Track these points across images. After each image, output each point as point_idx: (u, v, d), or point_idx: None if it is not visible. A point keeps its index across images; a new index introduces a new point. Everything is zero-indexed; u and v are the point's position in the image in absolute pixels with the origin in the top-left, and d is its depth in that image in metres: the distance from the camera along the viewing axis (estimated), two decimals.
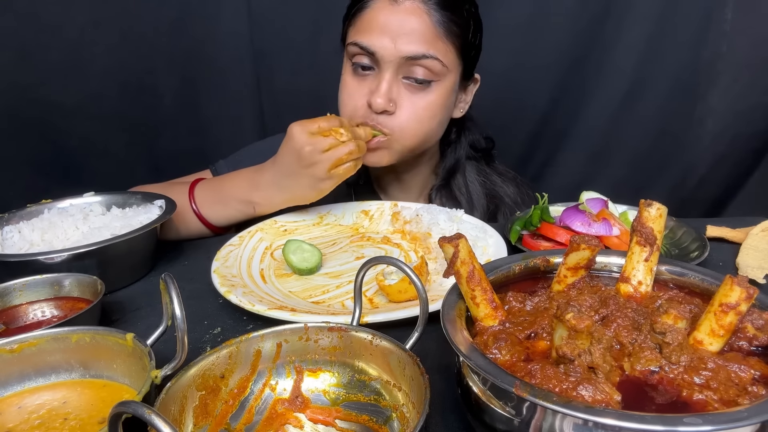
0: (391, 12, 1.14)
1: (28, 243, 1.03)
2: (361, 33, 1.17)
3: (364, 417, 0.62)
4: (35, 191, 1.35)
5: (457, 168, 1.40)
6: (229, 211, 1.21)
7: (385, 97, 1.16)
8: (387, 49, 1.14)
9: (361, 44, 1.16)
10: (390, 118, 1.19)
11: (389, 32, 1.13)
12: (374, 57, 1.16)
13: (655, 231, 0.63)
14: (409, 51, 1.13)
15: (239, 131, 2.00)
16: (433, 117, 1.22)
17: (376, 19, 1.15)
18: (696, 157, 2.00)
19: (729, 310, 0.52)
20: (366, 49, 1.15)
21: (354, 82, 1.22)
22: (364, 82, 1.20)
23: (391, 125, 1.19)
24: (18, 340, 0.66)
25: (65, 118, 1.85)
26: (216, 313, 0.92)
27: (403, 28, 1.13)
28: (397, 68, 1.16)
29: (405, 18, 1.13)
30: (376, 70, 1.18)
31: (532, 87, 1.98)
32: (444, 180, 1.40)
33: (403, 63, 1.15)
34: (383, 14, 1.14)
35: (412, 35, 1.13)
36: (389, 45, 1.13)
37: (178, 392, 0.57)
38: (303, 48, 1.90)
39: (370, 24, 1.15)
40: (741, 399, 0.47)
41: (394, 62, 1.15)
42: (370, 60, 1.17)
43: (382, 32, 1.14)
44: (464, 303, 0.61)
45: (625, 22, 1.87)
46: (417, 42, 1.13)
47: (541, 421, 0.47)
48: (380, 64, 1.16)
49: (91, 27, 1.78)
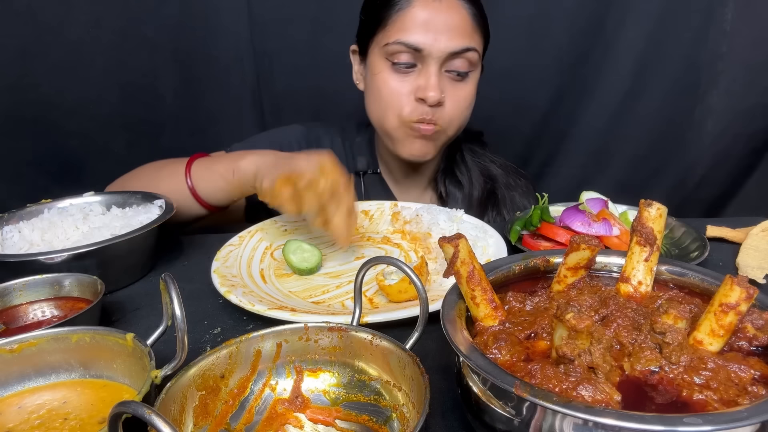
0: (433, 9, 1.19)
1: (28, 243, 1.03)
2: (403, 31, 1.20)
3: (364, 417, 0.62)
4: (35, 191, 1.35)
5: (457, 151, 1.46)
6: (212, 176, 1.19)
7: (437, 90, 1.21)
8: (433, 45, 1.19)
9: (406, 42, 1.19)
10: (440, 109, 1.25)
11: (433, 28, 1.18)
12: (419, 54, 1.20)
13: (655, 231, 0.63)
14: (455, 46, 1.19)
15: (239, 131, 2.00)
16: (470, 105, 1.31)
17: (419, 17, 1.19)
18: (696, 157, 2.00)
19: (729, 310, 0.52)
20: (412, 46, 1.19)
21: (396, 79, 1.25)
22: (407, 78, 1.24)
23: (441, 117, 1.25)
24: (18, 340, 0.66)
25: (65, 118, 1.85)
26: (216, 313, 0.92)
27: (447, 24, 1.19)
28: (441, 63, 1.21)
29: (447, 14, 1.19)
30: (418, 67, 1.23)
31: (532, 87, 1.98)
32: (448, 163, 1.46)
33: (447, 58, 1.20)
34: (426, 12, 1.19)
35: (455, 30, 1.19)
36: (435, 41, 1.18)
37: (178, 392, 0.57)
38: (303, 48, 1.90)
39: (414, 22, 1.19)
40: (741, 399, 0.47)
41: (439, 57, 1.20)
42: (413, 57, 1.21)
43: (427, 29, 1.18)
44: (464, 303, 0.61)
45: (625, 22, 1.87)
46: (460, 36, 1.20)
47: (541, 421, 0.47)
48: (425, 59, 1.21)
49: (91, 27, 1.77)
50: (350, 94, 1.87)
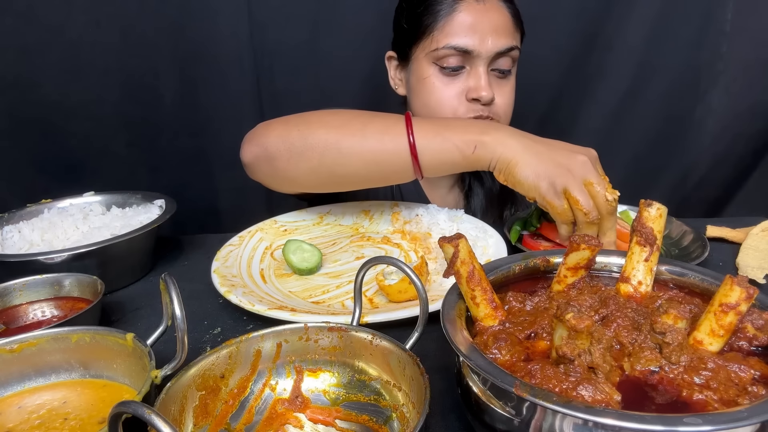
0: (478, 12, 1.21)
1: (28, 243, 1.03)
2: (452, 36, 1.22)
3: (364, 417, 0.62)
4: (35, 191, 1.35)
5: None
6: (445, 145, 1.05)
7: (489, 89, 1.23)
8: (481, 46, 1.21)
9: (456, 46, 1.21)
10: (492, 106, 1.27)
11: (480, 30, 1.21)
12: (468, 56, 1.22)
13: (655, 231, 0.63)
14: (501, 45, 1.22)
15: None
16: (514, 100, 1.33)
17: (465, 21, 1.22)
18: (696, 157, 2.00)
19: (729, 310, 0.52)
20: (462, 49, 1.21)
21: (446, 83, 1.28)
22: (456, 80, 1.27)
23: (494, 113, 1.28)
24: (18, 340, 0.66)
25: (65, 118, 1.85)
26: (216, 313, 0.92)
27: (492, 24, 1.21)
28: (488, 63, 1.24)
29: (492, 15, 1.22)
30: (467, 69, 1.25)
31: (531, 87, 1.97)
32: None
33: (494, 57, 1.23)
34: (472, 15, 1.21)
35: (500, 31, 1.22)
36: (482, 42, 1.21)
37: (178, 392, 0.57)
38: (303, 48, 1.90)
39: (461, 26, 1.22)
40: (741, 399, 0.47)
41: (487, 58, 1.22)
42: (460, 60, 1.24)
43: (474, 31, 1.21)
44: (464, 303, 0.61)
45: (625, 22, 1.86)
46: (504, 36, 1.23)
47: (541, 421, 0.47)
48: (473, 61, 1.23)
49: (92, 27, 1.77)
50: (351, 94, 1.88)
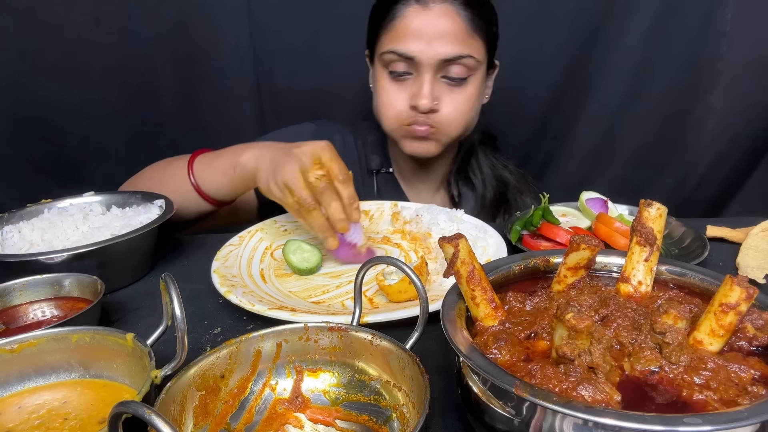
0: (424, 17, 1.18)
1: (28, 243, 1.03)
2: (396, 41, 1.21)
3: (364, 417, 0.62)
4: (35, 191, 1.34)
5: (471, 152, 1.48)
6: (215, 174, 1.19)
7: (429, 98, 1.22)
8: (424, 53, 1.19)
9: (398, 51, 1.20)
10: (435, 115, 1.26)
11: (424, 37, 1.18)
12: (412, 62, 1.21)
13: (655, 231, 0.63)
14: (446, 53, 1.19)
15: (239, 131, 2.00)
16: (472, 108, 1.31)
17: (410, 26, 1.19)
18: (696, 157, 2.00)
19: (729, 310, 0.52)
20: (404, 55, 1.20)
21: (393, 88, 1.27)
22: (404, 86, 1.26)
23: (436, 121, 1.27)
24: (18, 340, 0.66)
25: (65, 118, 1.85)
26: (216, 313, 0.92)
27: (438, 31, 1.18)
28: (435, 70, 1.21)
29: (438, 21, 1.18)
30: (414, 75, 1.24)
31: (531, 87, 1.97)
32: (461, 164, 1.47)
33: (441, 65, 1.21)
34: (417, 20, 1.19)
35: (446, 37, 1.18)
36: (426, 49, 1.19)
37: (178, 392, 0.57)
38: (303, 48, 1.89)
39: (405, 31, 1.20)
40: (741, 399, 0.47)
41: (432, 65, 1.20)
42: (407, 66, 1.23)
43: (418, 37, 1.19)
44: (464, 303, 0.61)
45: (625, 22, 1.86)
46: (452, 43, 1.19)
47: (541, 421, 0.47)
48: (418, 67, 1.21)
49: (91, 27, 1.77)
50: (350, 95, 1.88)
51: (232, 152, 1.18)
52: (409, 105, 1.25)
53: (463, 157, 1.48)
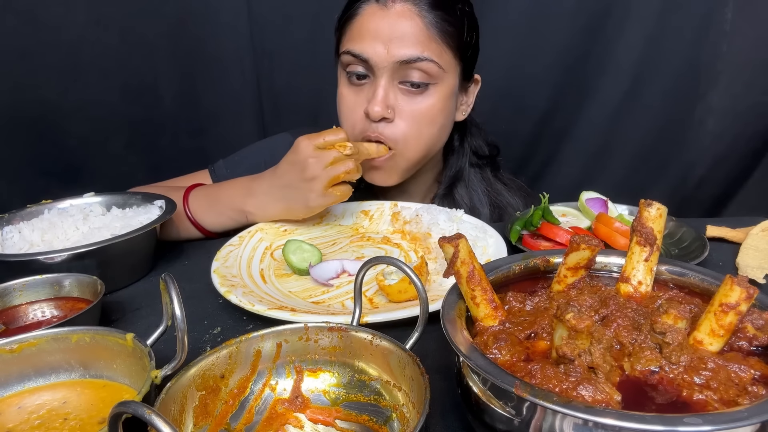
0: (381, 17, 1.11)
1: (28, 243, 1.03)
2: (353, 41, 1.15)
3: (364, 417, 0.62)
4: (35, 191, 1.35)
5: (459, 176, 1.37)
6: (222, 219, 1.21)
7: (381, 104, 1.13)
8: (380, 54, 1.11)
9: (353, 52, 1.14)
10: (389, 126, 1.16)
11: (381, 37, 1.11)
12: (368, 64, 1.14)
13: (655, 231, 0.63)
14: (403, 55, 1.11)
15: (239, 131, 2.00)
16: (433, 121, 1.19)
17: (366, 26, 1.12)
18: (696, 157, 2.00)
19: (729, 310, 0.52)
20: (359, 56, 1.13)
21: (351, 93, 1.19)
22: (361, 92, 1.18)
23: (391, 133, 1.16)
24: (18, 340, 0.66)
25: (65, 118, 1.85)
26: (216, 313, 0.92)
27: (395, 32, 1.11)
28: (392, 74, 1.13)
29: (396, 22, 1.11)
30: (371, 78, 1.16)
31: (532, 87, 1.98)
32: (446, 189, 1.36)
33: (398, 68, 1.12)
34: (374, 20, 1.12)
35: (404, 39, 1.11)
36: (382, 50, 1.11)
37: (178, 392, 0.57)
38: (303, 48, 1.90)
39: (360, 31, 1.13)
40: (741, 399, 0.47)
41: (388, 68, 1.12)
42: (364, 68, 1.15)
43: (375, 38, 1.11)
44: (464, 303, 0.61)
45: (625, 22, 1.87)
46: (410, 45, 1.11)
47: (541, 421, 0.47)
48: (375, 70, 1.14)
49: (91, 27, 1.78)
50: None
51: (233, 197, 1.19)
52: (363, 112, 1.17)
53: (451, 180, 1.36)
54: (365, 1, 1.14)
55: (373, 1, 1.13)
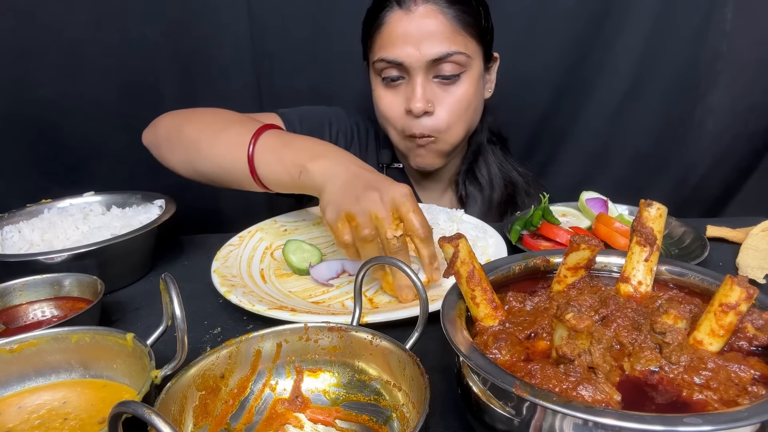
0: (408, 21, 1.18)
1: (28, 243, 1.03)
2: (384, 48, 1.22)
3: (364, 417, 0.62)
4: (35, 191, 1.35)
5: (479, 152, 1.46)
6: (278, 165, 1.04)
7: (423, 100, 1.21)
8: (412, 56, 1.19)
9: (387, 59, 1.21)
10: (431, 118, 1.25)
11: (411, 40, 1.18)
12: (402, 67, 1.21)
13: (655, 231, 0.63)
14: (434, 53, 1.18)
15: None
16: (469, 105, 1.28)
17: (395, 32, 1.20)
18: (696, 157, 2.00)
19: (729, 310, 0.52)
20: (393, 61, 1.21)
21: (388, 94, 1.28)
22: (398, 91, 1.26)
23: (434, 124, 1.25)
24: (18, 340, 0.66)
25: (65, 118, 1.85)
26: (216, 313, 0.92)
27: (423, 32, 1.18)
28: (426, 71, 1.21)
29: (422, 23, 1.18)
30: (406, 78, 1.24)
31: (531, 87, 1.97)
32: (469, 164, 1.46)
33: (431, 65, 1.20)
34: (401, 25, 1.19)
35: (433, 38, 1.18)
36: (414, 52, 1.18)
37: (178, 392, 0.57)
38: (303, 49, 1.89)
39: (390, 38, 1.20)
40: (741, 399, 0.47)
41: (422, 67, 1.20)
42: (398, 70, 1.23)
43: (405, 42, 1.19)
44: (464, 303, 0.61)
45: (625, 22, 1.86)
46: (438, 43, 1.18)
47: (541, 421, 0.47)
48: (410, 71, 1.21)
49: (92, 27, 1.77)
50: (350, 95, 1.88)
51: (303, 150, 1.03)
52: (404, 110, 1.25)
53: (472, 157, 1.47)
54: (389, 9, 1.21)
55: (396, 8, 1.20)
